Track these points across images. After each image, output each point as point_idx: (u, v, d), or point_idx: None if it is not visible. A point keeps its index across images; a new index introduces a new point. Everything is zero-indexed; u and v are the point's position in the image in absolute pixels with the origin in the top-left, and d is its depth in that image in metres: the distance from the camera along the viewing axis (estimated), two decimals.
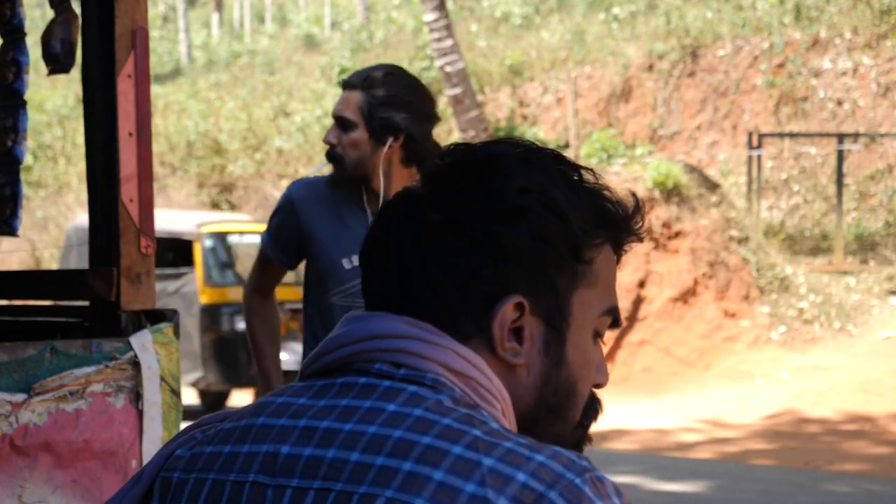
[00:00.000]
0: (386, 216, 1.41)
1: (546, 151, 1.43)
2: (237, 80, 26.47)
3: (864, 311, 13.67)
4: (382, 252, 1.39)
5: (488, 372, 1.35)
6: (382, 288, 1.39)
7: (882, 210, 17.21)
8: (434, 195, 1.38)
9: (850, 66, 18.84)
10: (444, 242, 1.35)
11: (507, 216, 1.35)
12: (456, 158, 1.42)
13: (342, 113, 3.70)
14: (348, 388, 1.33)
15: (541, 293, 1.36)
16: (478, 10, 28.43)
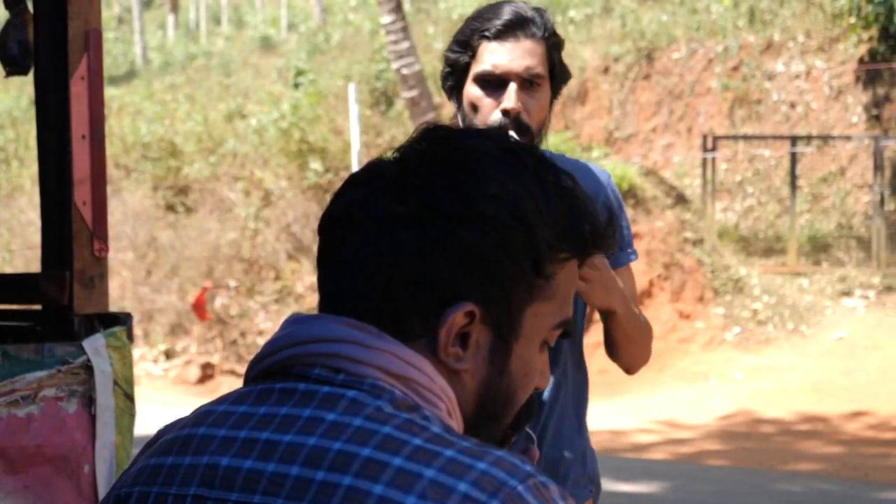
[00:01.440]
0: (351, 191, 1.38)
1: (527, 153, 1.39)
2: (193, 82, 26.33)
3: (816, 312, 13.77)
4: (340, 232, 1.36)
5: (430, 372, 1.32)
6: (334, 276, 1.36)
7: (834, 212, 17.34)
8: (403, 183, 1.34)
9: (803, 69, 18.96)
10: (403, 237, 1.31)
11: (473, 222, 1.31)
12: (433, 146, 1.38)
13: (534, 69, 2.87)
14: (288, 394, 1.31)
15: (494, 303, 1.34)
16: (434, 13, 28.43)
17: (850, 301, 14.14)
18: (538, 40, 2.88)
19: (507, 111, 2.80)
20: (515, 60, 2.84)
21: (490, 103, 2.83)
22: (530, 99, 2.83)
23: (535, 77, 2.84)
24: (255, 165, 20.05)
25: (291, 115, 20.38)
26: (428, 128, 1.42)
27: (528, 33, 2.87)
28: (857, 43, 18.46)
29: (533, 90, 2.84)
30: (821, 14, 19.39)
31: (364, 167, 1.40)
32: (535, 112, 2.84)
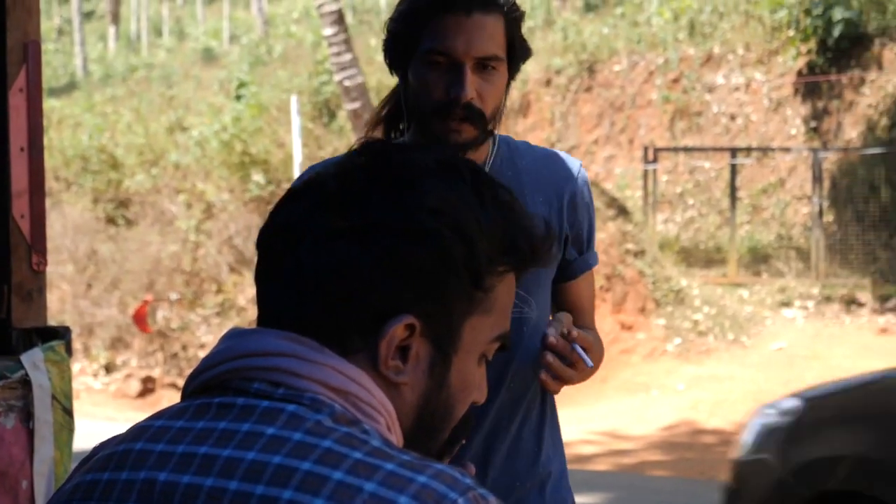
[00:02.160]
0: (290, 205, 1.38)
1: (465, 167, 1.40)
2: (134, 94, 26.18)
3: (756, 323, 13.88)
4: (280, 245, 1.35)
5: (370, 386, 1.32)
6: (274, 290, 1.36)
7: (774, 223, 17.49)
8: (344, 196, 1.34)
9: (742, 81, 19.13)
10: (343, 251, 1.31)
11: (413, 235, 1.32)
12: (372, 159, 1.38)
13: (489, 52, 2.50)
14: (226, 409, 1.31)
15: (434, 316, 1.34)
16: (377, 25, 28.40)
17: (790, 311, 14.27)
18: (496, 16, 2.50)
19: (457, 98, 2.46)
20: (468, 42, 2.47)
21: (439, 86, 2.48)
22: (485, 83, 2.49)
23: (491, 59, 2.49)
24: (197, 178, 19.95)
25: (233, 128, 20.31)
26: (367, 141, 1.43)
27: (484, 7, 2.49)
28: (795, 56, 18.65)
29: (488, 73, 2.49)
30: (760, 27, 19.57)
31: (303, 181, 1.40)
32: (489, 97, 2.50)
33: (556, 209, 2.65)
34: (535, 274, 2.50)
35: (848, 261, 15.66)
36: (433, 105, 2.48)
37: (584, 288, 2.79)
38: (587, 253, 2.75)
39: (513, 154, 2.66)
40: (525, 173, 2.65)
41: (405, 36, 2.53)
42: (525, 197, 2.57)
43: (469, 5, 2.47)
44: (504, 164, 2.63)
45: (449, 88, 2.46)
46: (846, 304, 14.35)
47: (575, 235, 2.70)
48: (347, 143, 18.84)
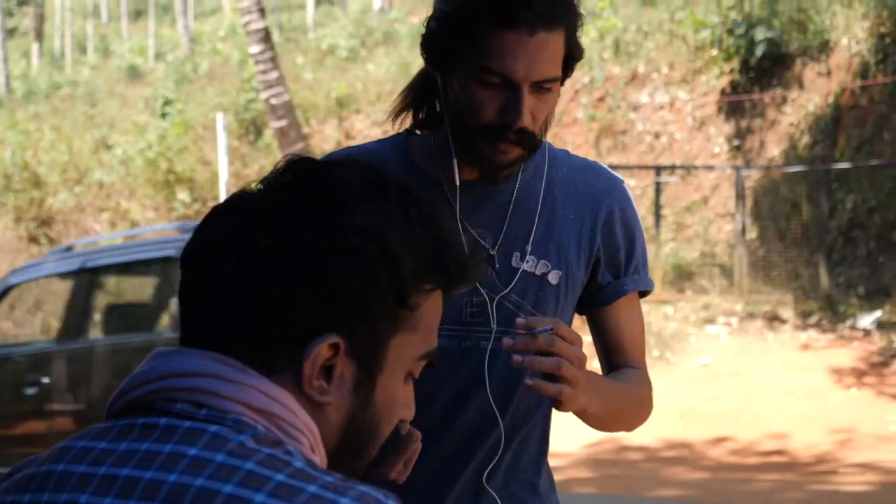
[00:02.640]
0: (214, 223, 1.37)
1: (391, 184, 1.40)
2: (57, 112, 25.97)
3: (681, 340, 13.99)
4: (204, 264, 1.34)
5: (294, 406, 1.31)
6: (198, 309, 1.35)
7: (698, 240, 17.64)
8: (268, 215, 1.33)
9: (666, 100, 19.30)
10: (268, 269, 1.30)
11: (339, 254, 1.31)
12: (297, 177, 1.37)
13: (549, 73, 2.22)
14: (149, 429, 1.29)
15: (359, 335, 1.33)
16: (304, 43, 28.40)
17: (714, 328, 14.39)
18: (559, 32, 2.22)
19: (511, 123, 2.22)
20: (529, 65, 2.19)
21: (491, 107, 2.22)
22: (539, 103, 2.24)
23: (550, 81, 2.23)
24: (122, 196, 19.82)
25: (158, 145, 20.20)
26: (292, 159, 1.41)
27: (546, 22, 2.19)
28: (718, 75, 18.85)
29: (543, 93, 2.24)
30: (684, 46, 19.76)
31: (227, 199, 1.39)
32: (542, 116, 2.26)
33: (589, 226, 2.41)
34: (547, 294, 2.37)
35: (770, 278, 15.83)
36: (482, 126, 2.24)
37: (623, 317, 2.49)
38: (625, 277, 2.45)
39: (549, 162, 2.43)
40: (558, 184, 2.42)
41: (451, 41, 2.24)
42: (556, 210, 2.39)
43: (534, 23, 2.17)
44: (538, 172, 2.41)
45: (503, 112, 2.22)
46: (769, 320, 14.49)
47: (609, 257, 2.43)
48: (273, 160, 18.80)
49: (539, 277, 2.37)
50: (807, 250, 15.93)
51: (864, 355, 12.78)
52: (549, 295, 2.38)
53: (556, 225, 2.39)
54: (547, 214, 2.39)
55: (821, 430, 11.27)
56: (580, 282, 2.41)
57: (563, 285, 2.38)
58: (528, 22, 2.16)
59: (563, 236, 2.39)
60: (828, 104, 17.24)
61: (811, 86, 17.84)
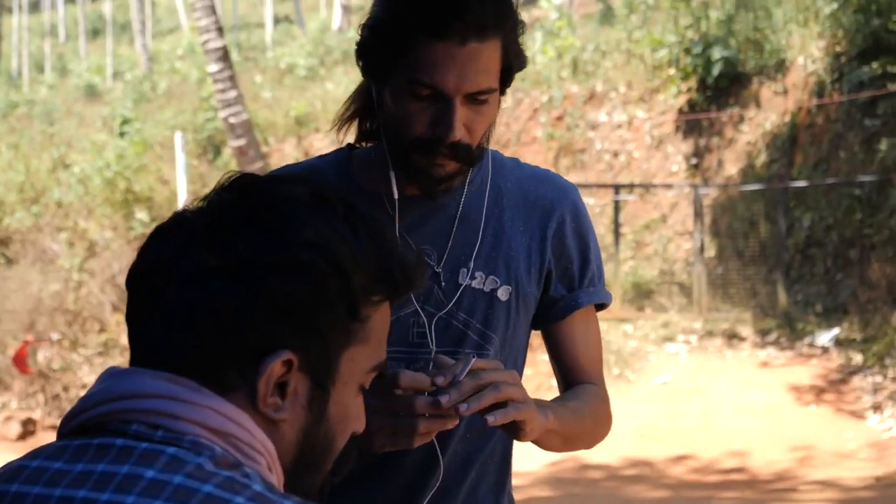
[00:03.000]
0: (159, 244, 1.35)
1: (336, 198, 1.39)
2: (14, 131, 25.81)
3: (641, 358, 14.01)
4: (152, 285, 1.33)
5: (250, 426, 1.31)
6: (147, 330, 1.34)
7: (657, 258, 17.69)
8: (214, 233, 1.32)
9: (625, 119, 19.37)
10: (218, 289, 1.30)
11: (289, 270, 1.31)
12: (240, 194, 1.37)
13: (482, 85, 2.12)
14: (105, 450, 1.28)
15: (311, 350, 1.33)
16: (262, 62, 28.36)
17: (673, 346, 14.43)
18: (494, 41, 2.11)
19: (443, 137, 2.11)
20: (460, 76, 2.09)
21: (422, 121, 2.12)
22: (475, 115, 2.14)
23: (484, 93, 2.12)
24: (80, 215, 19.70)
25: (116, 165, 20.10)
26: (234, 177, 1.40)
27: (478, 32, 2.08)
28: (676, 94, 18.94)
29: (478, 106, 2.14)
30: (641, 66, 19.85)
31: (170, 219, 1.38)
32: (479, 128, 2.16)
33: (538, 239, 2.31)
34: (497, 311, 2.26)
35: (729, 295, 15.90)
36: (414, 139, 2.14)
37: (579, 332, 2.39)
38: (579, 290, 2.35)
39: (496, 173, 2.33)
40: (506, 195, 2.32)
41: (383, 52, 2.14)
42: (504, 222, 2.29)
43: (465, 33, 2.06)
44: (485, 183, 2.31)
45: (434, 125, 2.12)
46: (728, 338, 14.55)
47: (562, 269, 2.34)
48: None
49: (488, 294, 2.26)
50: (765, 268, 16.01)
51: (822, 372, 12.85)
52: (499, 312, 2.27)
53: (505, 238, 2.29)
54: (494, 227, 2.29)
55: (780, 448, 11.32)
56: (532, 296, 2.32)
57: (514, 301, 2.28)
58: (458, 32, 2.06)
59: (512, 249, 2.29)
60: (784, 123, 17.36)
61: (768, 104, 17.96)
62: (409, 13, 2.09)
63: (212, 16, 17.53)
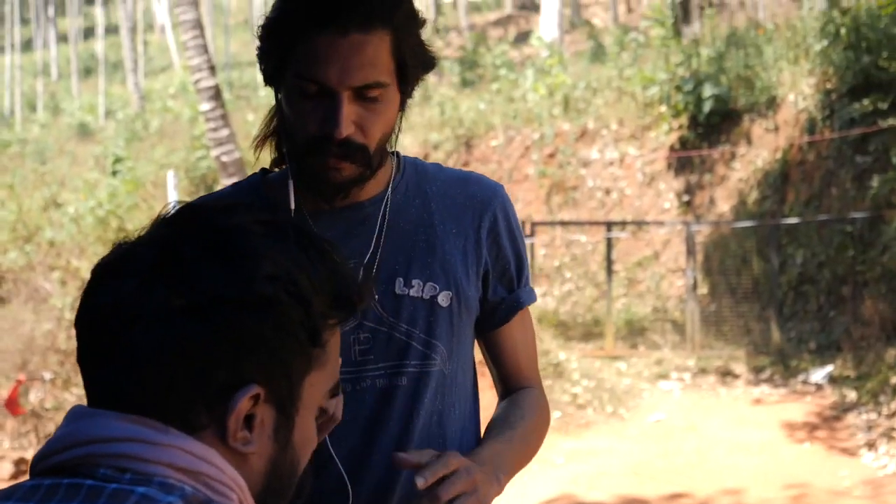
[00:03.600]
0: (114, 283, 1.32)
1: (286, 225, 1.38)
2: (7, 170, 25.82)
3: (634, 396, 14.00)
4: (112, 326, 1.30)
5: (220, 463, 1.31)
6: (107, 372, 1.32)
7: (650, 296, 17.69)
8: (173, 270, 1.30)
9: (616, 156, 19.43)
10: (183, 329, 1.28)
11: (253, 305, 1.30)
12: (191, 227, 1.35)
13: (369, 78, 2.03)
14: (75, 489, 1.27)
15: (276, 381, 1.33)
16: (254, 100, 28.42)
17: (667, 384, 14.42)
18: (380, 33, 2.03)
19: (330, 135, 2.03)
20: (343, 69, 2.01)
21: (312, 119, 2.05)
22: (367, 113, 2.05)
23: (373, 88, 2.04)
24: (72, 254, 19.68)
25: (109, 203, 20.11)
26: (178, 209, 1.39)
27: (365, 24, 2.01)
28: (668, 131, 19.00)
29: (370, 103, 2.05)
30: (633, 103, 19.92)
31: (115, 253, 1.34)
32: (374, 128, 2.07)
33: (473, 240, 2.26)
34: (439, 318, 2.21)
35: (722, 333, 15.90)
36: (306, 140, 2.07)
37: (519, 335, 2.38)
38: (519, 290, 2.34)
39: (420, 178, 2.28)
40: (434, 199, 2.26)
41: (273, 52, 2.09)
42: (435, 227, 2.24)
43: (345, 23, 2.00)
44: (409, 189, 2.26)
45: (322, 123, 2.04)
46: (721, 375, 14.55)
47: (501, 270, 2.31)
48: None
49: (427, 301, 2.20)
50: (758, 305, 16.02)
51: (816, 410, 12.84)
52: (441, 319, 2.22)
53: (438, 242, 2.23)
54: (426, 232, 2.23)
55: (775, 485, 11.29)
56: (473, 299, 2.27)
57: (456, 306, 2.23)
58: (340, 24, 1.99)
59: (447, 253, 2.23)
60: (776, 160, 17.41)
61: (759, 141, 18.02)
62: (293, 9, 2.04)
63: (204, 55, 17.56)
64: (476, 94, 23.53)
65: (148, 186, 21.27)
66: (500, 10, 51.34)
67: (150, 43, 55.60)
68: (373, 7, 2.02)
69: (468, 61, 27.19)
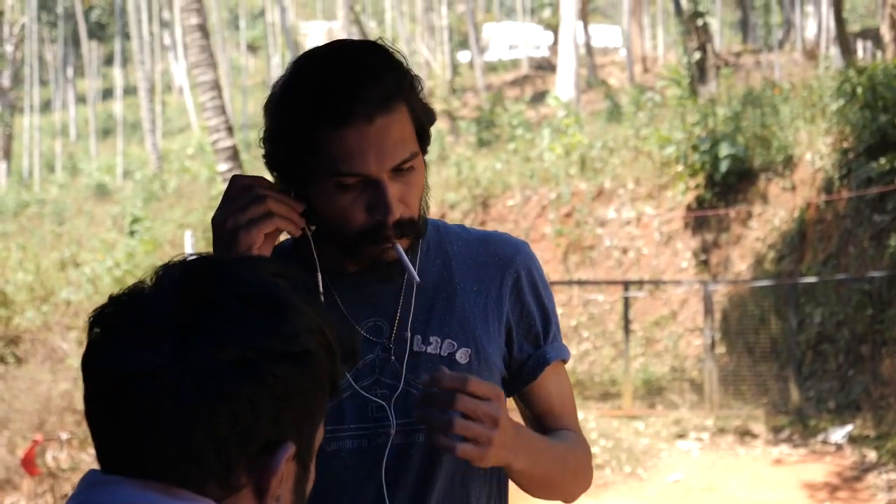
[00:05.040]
0: (141, 345, 1.26)
1: (292, 273, 1.36)
2: (25, 230, 25.96)
3: (652, 455, 13.92)
4: (148, 394, 1.25)
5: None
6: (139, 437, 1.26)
7: (667, 355, 17.64)
8: (214, 327, 1.26)
9: (633, 215, 19.44)
10: (233, 384, 1.25)
11: (299, 359, 1.28)
12: (222, 282, 1.31)
13: (403, 155, 2.07)
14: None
15: (305, 435, 1.32)
16: None
17: (685, 443, 14.34)
18: (399, 109, 2.05)
19: (383, 222, 2.06)
20: (379, 154, 2.03)
21: (358, 211, 2.06)
22: (406, 186, 2.08)
23: (407, 161, 2.06)
24: (89, 314, 19.73)
25: (126, 263, 20.17)
26: (192, 263, 1.35)
27: (381, 106, 2.02)
28: (684, 190, 19.02)
29: (406, 175, 2.08)
30: (649, 162, 19.96)
31: (129, 310, 1.30)
32: (413, 197, 2.10)
33: (494, 297, 2.26)
34: (460, 372, 2.11)
35: (741, 392, 15.83)
36: (358, 231, 2.07)
37: (553, 386, 2.32)
38: (546, 346, 2.30)
39: (441, 238, 2.29)
40: (455, 259, 2.27)
41: (293, 157, 2.08)
42: (455, 285, 2.24)
43: (369, 112, 2.00)
44: (431, 249, 2.27)
45: (371, 212, 2.06)
46: (740, 435, 14.46)
47: (526, 327, 2.29)
48: None
49: (445, 358, 2.19)
50: (776, 364, 15.95)
51: (836, 470, 12.74)
52: None
53: (458, 300, 2.23)
54: (446, 291, 2.23)
55: None
56: (495, 356, 2.25)
57: (475, 363, 2.21)
58: (361, 113, 1.99)
59: (466, 311, 2.23)
60: (793, 219, 17.40)
61: (776, 201, 18.02)
62: (304, 112, 2.03)
63: (222, 115, 17.67)
64: (493, 154, 23.62)
65: (165, 246, 21.33)
66: (517, 70, 51.62)
67: (168, 104, 55.96)
68: (387, 86, 2.02)
69: (485, 121, 27.32)
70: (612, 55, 53.66)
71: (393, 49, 2.10)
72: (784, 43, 42.31)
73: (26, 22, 51.30)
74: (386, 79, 2.02)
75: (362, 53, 2.05)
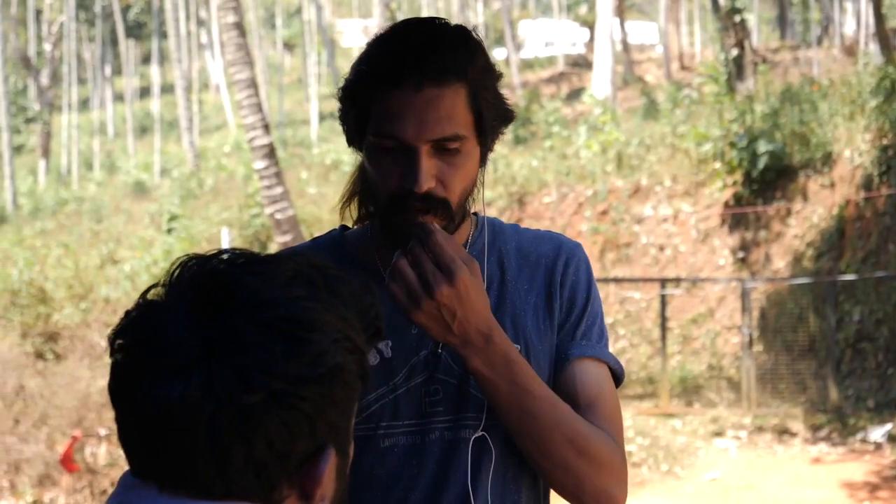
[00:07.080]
0: (167, 372, 1.25)
1: (312, 271, 1.35)
2: (64, 228, 26.12)
3: (690, 454, 13.87)
4: (185, 432, 1.25)
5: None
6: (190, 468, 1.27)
7: (705, 353, 17.58)
8: (238, 359, 1.25)
9: (670, 212, 19.38)
10: (268, 420, 1.25)
11: (329, 377, 1.29)
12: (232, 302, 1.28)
13: (446, 132, 2.06)
14: None
15: (342, 432, 1.34)
16: (308, 158, 28.64)
17: (723, 442, 14.28)
18: (455, 87, 2.06)
19: (411, 191, 2.06)
20: (420, 123, 2.04)
21: (392, 175, 2.08)
22: (447, 167, 2.07)
23: (451, 141, 2.06)
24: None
25: (164, 261, 20.26)
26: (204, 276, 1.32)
27: (439, 78, 2.04)
28: (722, 187, 18.94)
29: (450, 156, 2.07)
30: (686, 160, 19.89)
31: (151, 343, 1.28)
32: (455, 181, 2.09)
33: (545, 294, 2.27)
34: None
35: (779, 390, 15.75)
36: (388, 197, 2.09)
37: (580, 378, 2.24)
38: (582, 341, 2.27)
39: (496, 237, 2.32)
40: (507, 257, 2.30)
41: (352, 113, 2.13)
42: (506, 283, 2.27)
43: (420, 78, 2.02)
44: (485, 247, 2.29)
45: (402, 178, 2.06)
46: (778, 433, 14.40)
47: (563, 319, 2.29)
48: None
49: None
50: (815, 362, 15.87)
51: (876, 469, 12.67)
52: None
53: (509, 297, 2.25)
54: (497, 288, 2.26)
55: None
56: (544, 353, 2.24)
57: (526, 359, 2.19)
58: (413, 79, 2.02)
59: (517, 308, 2.25)
60: (832, 216, 17.30)
61: (815, 198, 17.92)
62: (369, 70, 2.07)
63: (258, 113, 17.71)
64: (529, 152, 23.59)
65: (203, 244, 21.42)
66: (553, 68, 51.54)
67: (205, 102, 56.19)
68: (446, 61, 2.04)
69: (521, 118, 27.29)
70: (649, 52, 53.53)
71: (477, 37, 2.12)
72: (822, 39, 42.07)
73: (65, 21, 51.61)
74: (449, 55, 2.04)
75: (439, 29, 2.09)
